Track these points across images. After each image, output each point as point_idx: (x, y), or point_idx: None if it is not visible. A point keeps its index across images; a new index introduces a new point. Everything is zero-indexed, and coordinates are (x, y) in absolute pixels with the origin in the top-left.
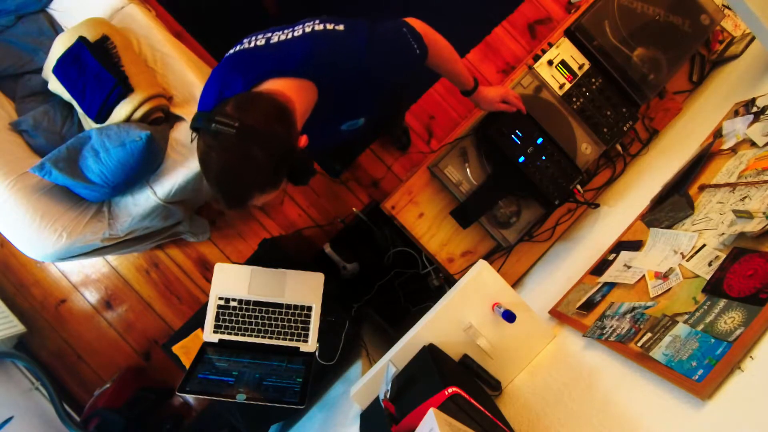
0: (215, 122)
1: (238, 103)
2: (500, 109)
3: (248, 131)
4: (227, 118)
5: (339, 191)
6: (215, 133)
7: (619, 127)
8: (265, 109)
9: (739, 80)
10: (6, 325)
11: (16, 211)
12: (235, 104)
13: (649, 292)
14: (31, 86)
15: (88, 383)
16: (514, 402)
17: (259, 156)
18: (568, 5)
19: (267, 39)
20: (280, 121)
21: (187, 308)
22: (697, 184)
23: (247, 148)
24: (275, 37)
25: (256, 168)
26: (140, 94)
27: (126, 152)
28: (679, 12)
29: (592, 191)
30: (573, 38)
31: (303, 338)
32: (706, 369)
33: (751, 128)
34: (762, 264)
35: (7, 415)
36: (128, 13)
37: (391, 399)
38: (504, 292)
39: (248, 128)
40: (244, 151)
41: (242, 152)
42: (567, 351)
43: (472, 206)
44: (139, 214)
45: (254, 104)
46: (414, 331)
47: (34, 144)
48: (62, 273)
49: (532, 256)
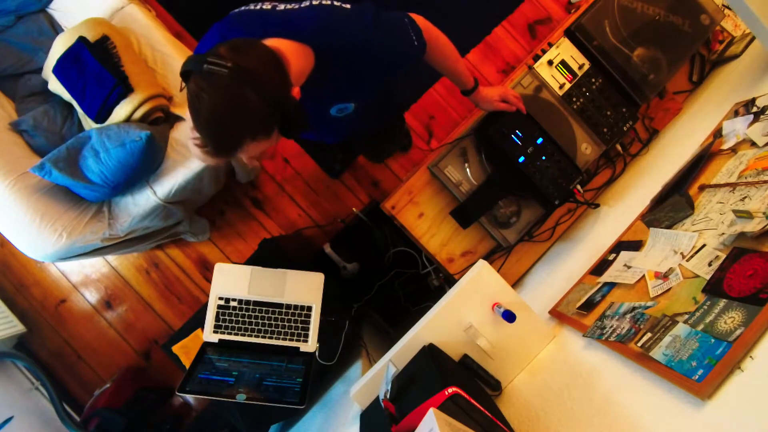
0: (207, 63)
1: (233, 45)
2: (500, 108)
3: (242, 72)
4: (220, 59)
5: (339, 191)
6: (207, 74)
7: (619, 127)
8: (261, 54)
9: (739, 80)
10: (6, 325)
11: (16, 211)
12: (229, 46)
13: (649, 292)
14: (31, 86)
15: (88, 383)
16: (514, 402)
17: (252, 99)
18: (568, 5)
19: (274, 6)
20: (276, 67)
21: (187, 308)
22: (697, 184)
23: (240, 90)
24: (282, 6)
25: (249, 111)
26: (140, 94)
27: (126, 152)
28: (679, 12)
29: (592, 191)
30: (573, 38)
31: (303, 338)
32: (706, 369)
33: (751, 128)
34: (762, 264)
35: (7, 415)
36: (128, 13)
37: (391, 399)
38: (504, 292)
39: (242, 69)
40: (237, 93)
41: (235, 94)
42: (567, 351)
43: (472, 206)
44: (139, 214)
45: (250, 48)
46: (414, 331)
47: (34, 144)
48: (62, 273)
49: (532, 256)
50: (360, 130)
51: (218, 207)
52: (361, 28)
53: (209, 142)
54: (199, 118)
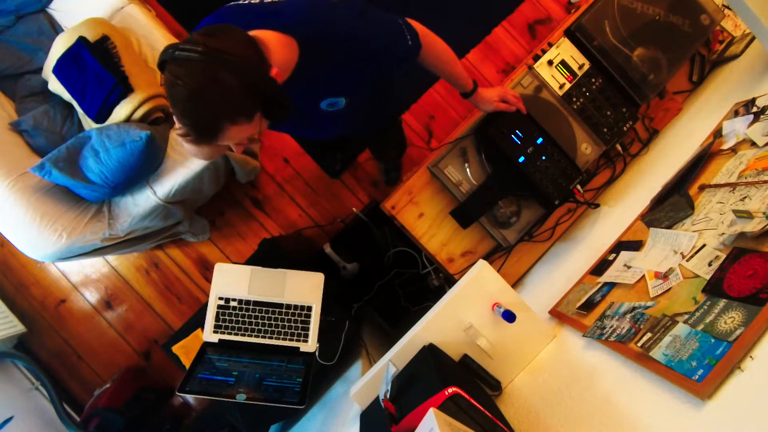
0: (179, 49)
1: (206, 30)
2: (500, 108)
3: (214, 54)
4: (193, 44)
5: (339, 191)
6: (180, 60)
7: (619, 127)
8: (234, 36)
9: (739, 80)
10: (6, 325)
11: (16, 211)
12: (202, 31)
13: (649, 292)
14: (31, 86)
15: (88, 383)
16: (514, 402)
17: (227, 79)
18: (568, 5)
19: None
20: (251, 48)
21: (187, 308)
22: (697, 184)
23: (214, 71)
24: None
25: (224, 92)
26: (140, 94)
27: (126, 152)
28: (679, 12)
29: (592, 191)
30: (573, 38)
31: (303, 338)
32: (706, 369)
33: (751, 128)
34: (762, 264)
35: (7, 415)
36: (128, 13)
37: (391, 399)
38: (504, 292)
39: (214, 51)
40: (211, 75)
41: (209, 76)
42: (567, 351)
43: (472, 206)
44: (139, 214)
45: (223, 32)
46: (414, 331)
47: (34, 144)
48: (62, 273)
49: (532, 256)
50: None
51: (218, 207)
52: (347, 20)
53: (189, 129)
54: (176, 105)
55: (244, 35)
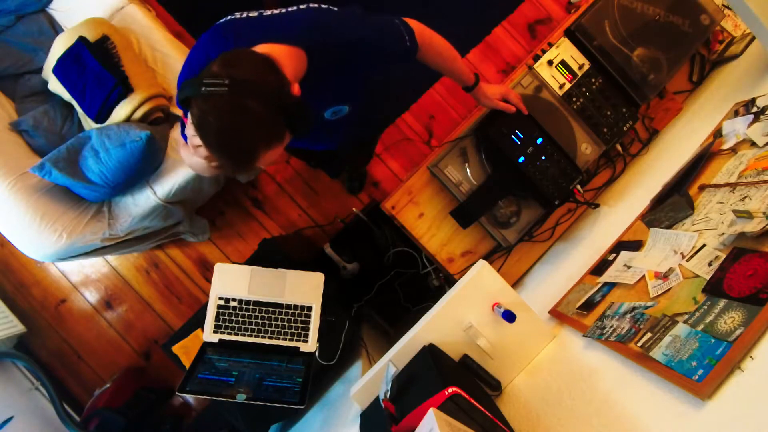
0: (204, 85)
1: (224, 60)
2: (500, 107)
3: (240, 85)
4: (216, 78)
5: (339, 191)
6: (207, 95)
7: (619, 127)
8: (253, 61)
9: (739, 80)
10: (6, 325)
11: (16, 211)
12: (221, 62)
13: (649, 292)
14: (31, 86)
15: (88, 383)
16: (514, 402)
17: (256, 108)
18: (568, 5)
19: (260, 12)
20: (271, 70)
21: (187, 308)
22: (697, 184)
23: (243, 103)
24: (269, 11)
25: (256, 121)
26: (140, 94)
27: (126, 152)
28: (679, 12)
29: (592, 191)
30: (573, 38)
31: (303, 338)
32: (706, 369)
33: (751, 128)
34: (762, 264)
35: (7, 415)
36: (128, 13)
37: (391, 399)
38: (504, 292)
39: (240, 82)
40: (241, 106)
41: (239, 108)
42: (567, 351)
43: (472, 206)
44: (139, 214)
45: (241, 59)
46: (414, 331)
47: (34, 144)
48: (62, 273)
49: (532, 256)
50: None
51: (218, 207)
52: (350, 26)
53: (226, 162)
54: (209, 141)
55: (260, 58)
